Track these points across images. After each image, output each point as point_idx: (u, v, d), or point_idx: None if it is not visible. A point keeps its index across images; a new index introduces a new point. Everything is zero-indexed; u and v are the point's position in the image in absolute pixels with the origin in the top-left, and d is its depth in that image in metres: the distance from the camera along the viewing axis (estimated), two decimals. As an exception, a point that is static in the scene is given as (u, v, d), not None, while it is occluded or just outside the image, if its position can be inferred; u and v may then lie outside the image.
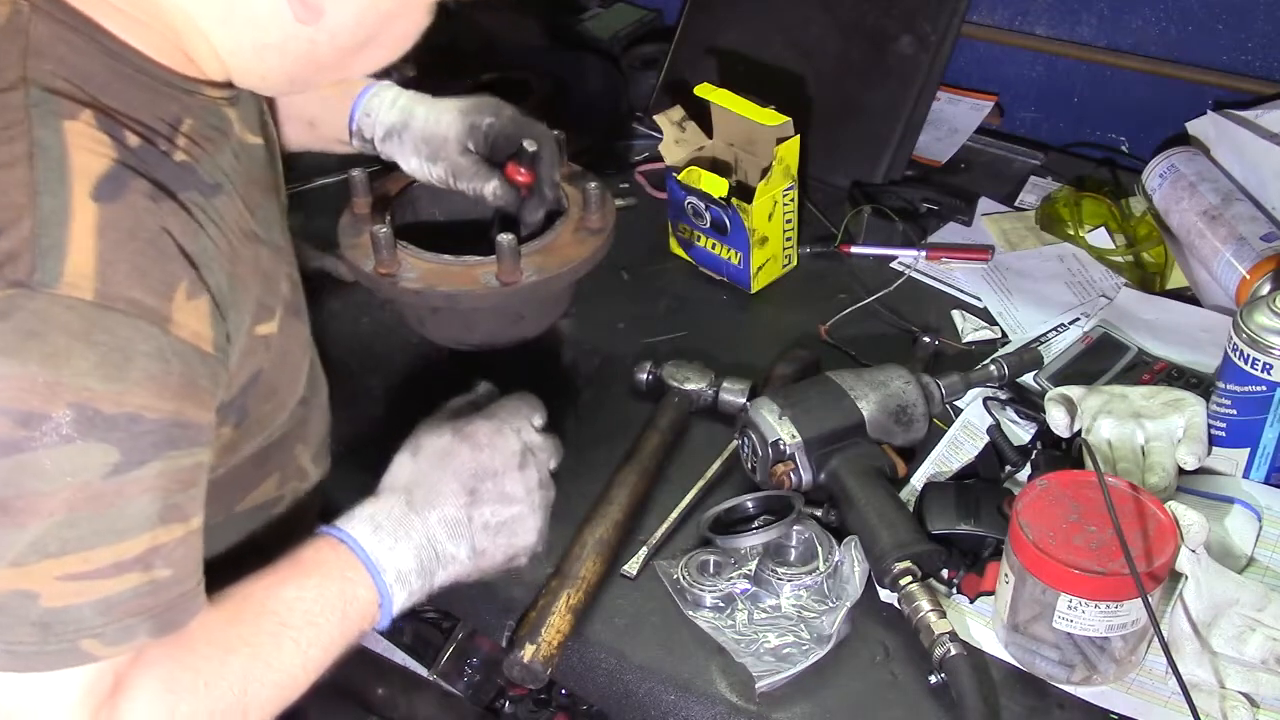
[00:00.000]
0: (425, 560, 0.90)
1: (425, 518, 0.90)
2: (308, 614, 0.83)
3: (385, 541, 0.88)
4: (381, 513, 0.90)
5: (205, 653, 0.78)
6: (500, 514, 0.93)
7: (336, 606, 0.85)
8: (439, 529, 0.91)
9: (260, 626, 0.82)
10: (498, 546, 0.94)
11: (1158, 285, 1.46)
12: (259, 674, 0.80)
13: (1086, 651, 0.96)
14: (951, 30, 1.62)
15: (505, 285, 1.13)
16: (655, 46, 1.91)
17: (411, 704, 1.77)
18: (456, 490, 0.92)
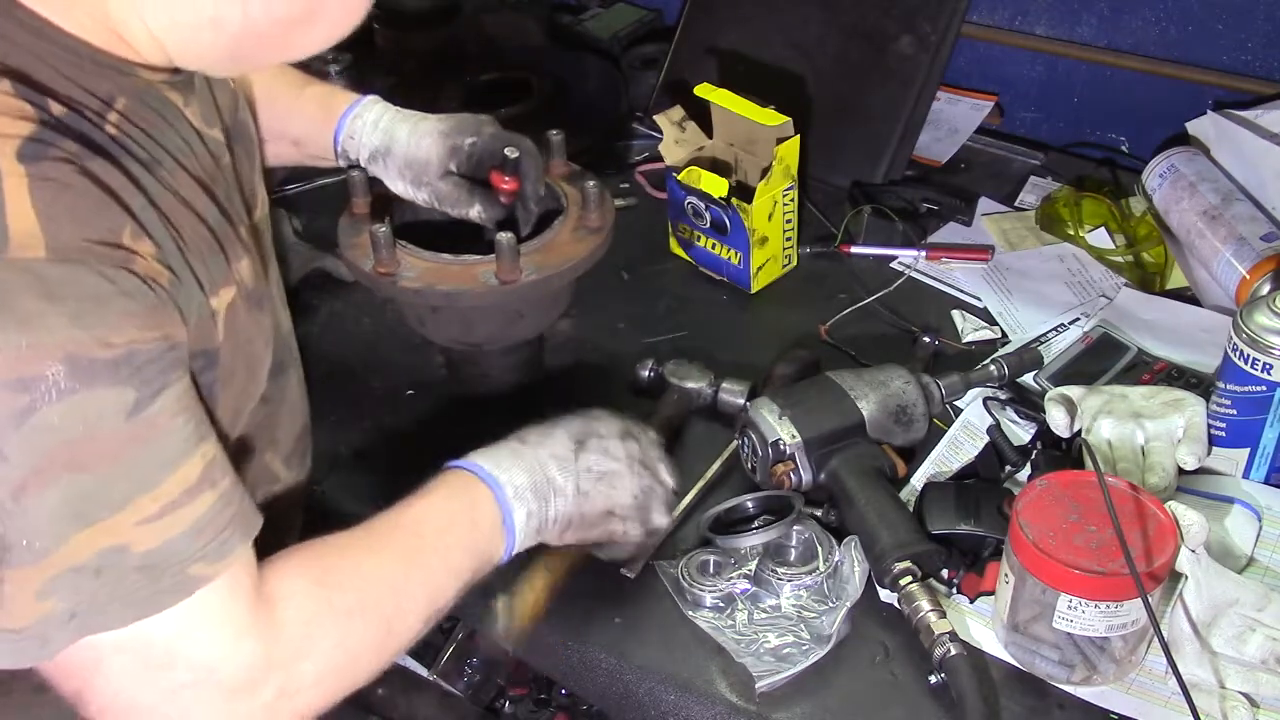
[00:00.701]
0: (538, 483, 0.95)
1: (535, 450, 0.96)
2: (439, 526, 0.89)
3: (500, 464, 0.94)
4: (496, 448, 0.96)
5: (351, 559, 0.84)
6: (602, 464, 0.98)
7: (466, 515, 0.91)
8: (549, 461, 0.96)
9: (395, 538, 0.88)
10: (599, 493, 0.98)
11: (1158, 285, 1.46)
12: (404, 575, 0.86)
13: (1086, 651, 0.96)
14: (951, 30, 1.62)
15: (504, 284, 1.13)
16: (655, 46, 1.91)
17: (411, 704, 1.77)
18: (564, 438, 0.98)
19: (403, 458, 1.26)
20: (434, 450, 1.25)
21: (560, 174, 1.27)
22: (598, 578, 1.10)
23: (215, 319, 0.81)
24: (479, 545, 0.91)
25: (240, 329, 0.85)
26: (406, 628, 0.86)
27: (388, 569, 0.86)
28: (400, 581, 0.86)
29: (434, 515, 0.90)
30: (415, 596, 0.86)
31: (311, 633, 0.80)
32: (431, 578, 0.88)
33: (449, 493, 0.92)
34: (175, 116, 0.83)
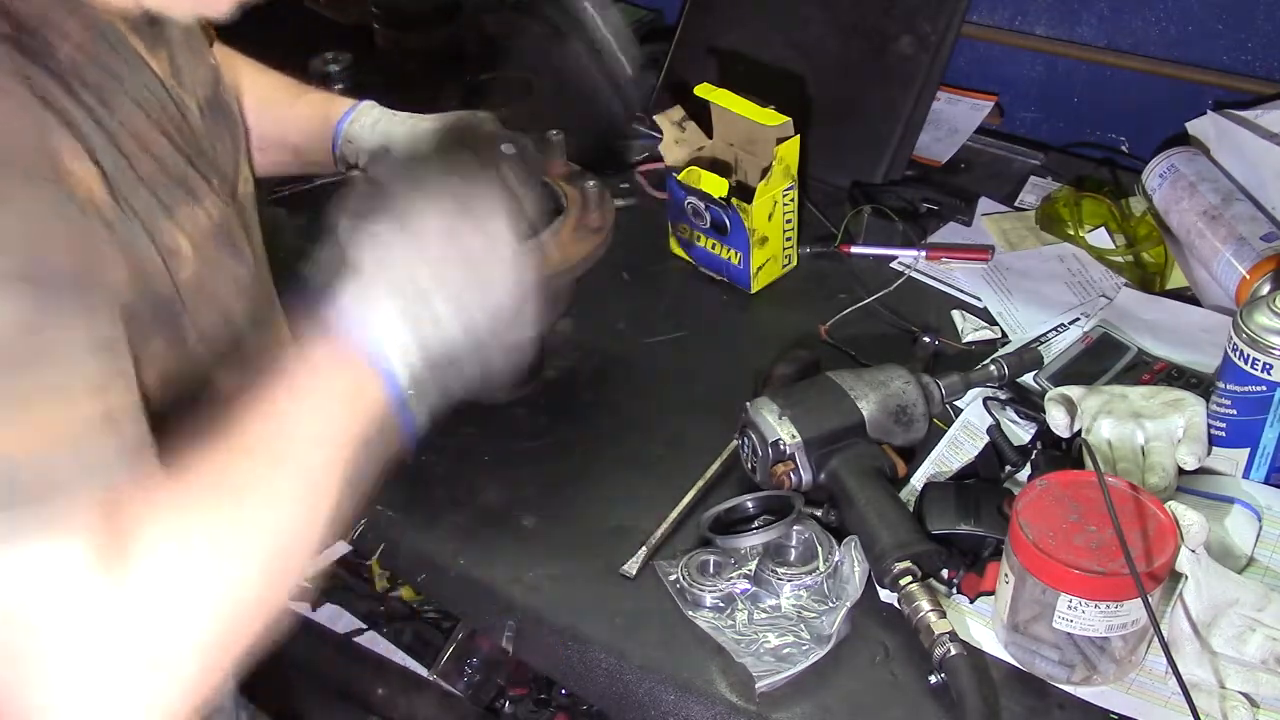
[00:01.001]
0: (431, 355, 0.81)
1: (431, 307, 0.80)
2: (318, 417, 0.76)
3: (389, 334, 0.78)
4: (376, 296, 0.79)
5: (212, 473, 0.71)
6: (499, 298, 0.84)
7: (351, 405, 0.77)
8: (441, 305, 0.81)
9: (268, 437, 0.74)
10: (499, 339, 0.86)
11: (1158, 285, 1.46)
12: (277, 480, 0.73)
13: (1086, 651, 0.96)
14: (951, 30, 1.62)
15: None
16: (655, 46, 1.91)
17: (411, 704, 1.77)
18: (464, 273, 0.82)
19: (403, 458, 1.26)
20: (434, 450, 1.26)
21: (560, 174, 1.26)
22: (598, 578, 1.11)
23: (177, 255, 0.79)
24: (369, 434, 0.78)
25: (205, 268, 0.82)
26: (294, 542, 0.74)
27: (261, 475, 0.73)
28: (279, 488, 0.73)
29: (313, 408, 0.76)
30: (299, 503, 0.74)
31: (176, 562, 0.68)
32: (315, 480, 0.75)
33: (330, 377, 0.77)
34: (135, 60, 0.81)
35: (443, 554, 1.16)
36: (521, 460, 1.25)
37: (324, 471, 0.75)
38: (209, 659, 0.69)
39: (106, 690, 0.65)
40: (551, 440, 1.27)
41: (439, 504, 1.20)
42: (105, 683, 0.65)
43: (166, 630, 0.67)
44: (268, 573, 0.72)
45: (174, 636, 0.67)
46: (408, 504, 1.20)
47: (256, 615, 0.71)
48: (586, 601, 1.09)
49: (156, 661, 0.66)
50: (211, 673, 0.70)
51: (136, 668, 0.66)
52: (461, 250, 0.82)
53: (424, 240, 0.81)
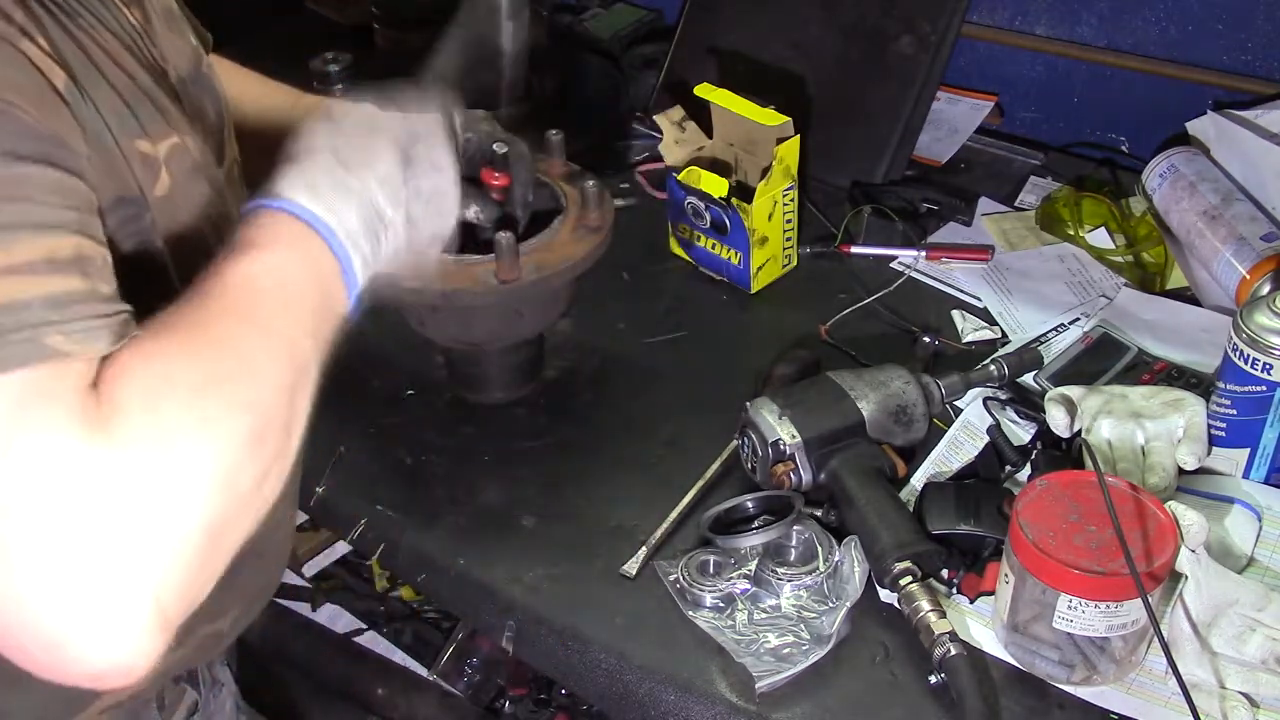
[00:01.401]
0: (369, 221, 0.81)
1: (362, 177, 0.81)
2: (279, 280, 0.74)
3: (328, 201, 0.78)
4: (313, 174, 0.79)
5: (182, 331, 0.68)
6: (431, 181, 0.86)
7: (307, 271, 0.76)
8: (377, 189, 0.82)
9: (233, 296, 0.71)
10: (427, 218, 0.87)
11: (1158, 285, 1.46)
12: (253, 334, 0.71)
13: (1086, 651, 0.96)
14: (951, 30, 1.62)
15: (504, 283, 1.13)
16: (655, 46, 1.91)
17: (411, 704, 1.78)
18: (390, 149, 0.84)
19: (403, 458, 1.26)
20: (434, 450, 1.26)
21: (559, 174, 1.26)
22: (598, 578, 1.11)
23: (154, 164, 0.77)
24: (325, 301, 0.77)
25: (176, 189, 0.80)
26: (279, 401, 0.70)
27: (229, 333, 0.70)
28: (247, 345, 0.70)
29: (271, 273, 0.74)
30: (271, 363, 0.71)
31: (159, 419, 0.64)
32: (283, 340, 0.73)
33: (280, 245, 0.75)
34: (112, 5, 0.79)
35: (443, 554, 1.16)
36: (521, 460, 1.25)
37: (291, 327, 0.73)
38: (204, 534, 0.64)
39: (97, 572, 0.61)
40: (551, 440, 1.27)
41: (439, 504, 1.20)
42: (95, 561, 0.61)
43: (157, 495, 0.62)
44: (254, 432, 0.67)
45: (165, 503, 0.62)
46: (408, 504, 1.20)
47: (247, 484, 0.67)
48: (586, 601, 1.09)
49: (149, 534, 0.62)
50: (209, 553, 0.65)
51: (127, 543, 0.61)
52: (387, 129, 0.84)
53: (350, 127, 0.84)
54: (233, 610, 0.96)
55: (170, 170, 0.78)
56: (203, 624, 0.93)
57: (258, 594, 1.01)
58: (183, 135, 0.81)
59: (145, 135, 0.76)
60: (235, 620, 0.98)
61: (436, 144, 0.88)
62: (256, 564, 0.95)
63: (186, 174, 0.80)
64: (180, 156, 0.80)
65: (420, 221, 0.86)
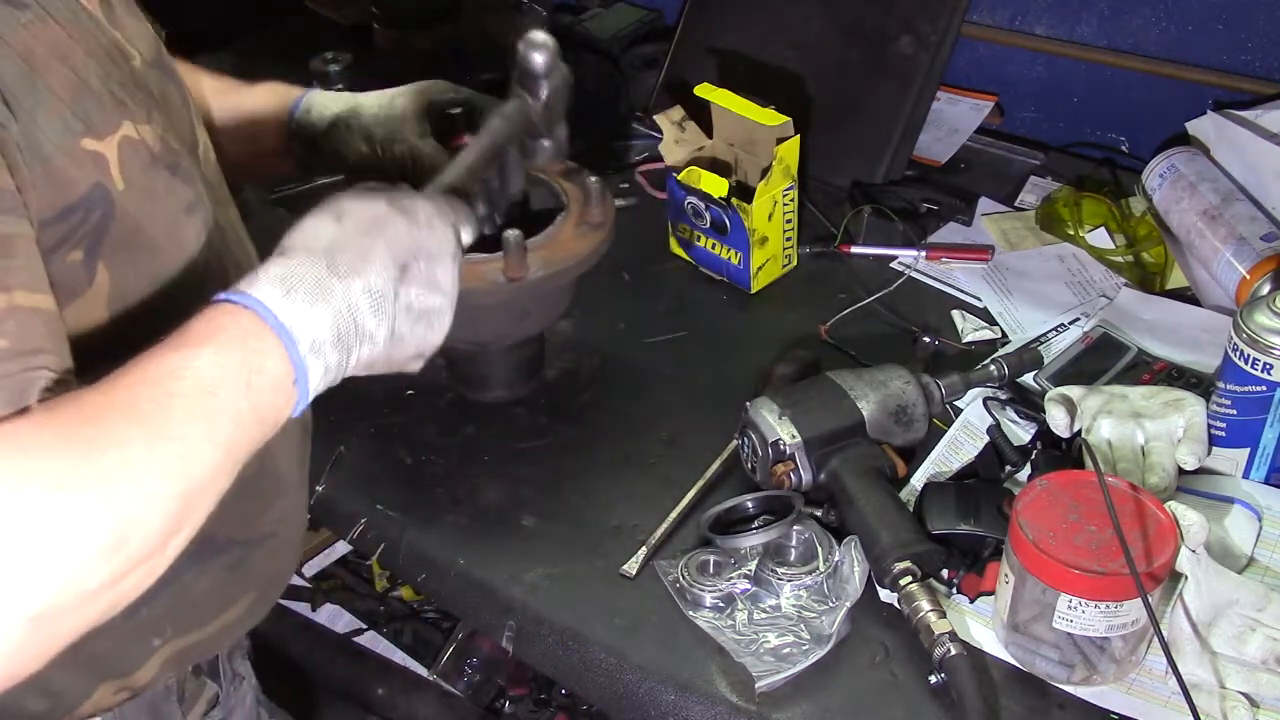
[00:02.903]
0: (344, 332, 0.76)
1: (348, 284, 0.77)
2: (200, 382, 0.68)
3: (299, 305, 0.74)
4: (296, 274, 0.75)
5: (69, 417, 0.64)
6: (425, 300, 0.83)
7: (239, 377, 0.70)
8: (362, 299, 0.77)
9: (140, 392, 0.67)
10: (415, 336, 0.83)
11: (1158, 285, 1.46)
12: (144, 437, 0.65)
13: (1086, 651, 0.96)
14: (951, 30, 1.62)
15: (512, 281, 1.13)
16: (655, 46, 1.91)
17: (411, 704, 1.78)
18: (387, 262, 0.79)
19: (403, 458, 1.26)
20: (434, 450, 1.26)
21: (558, 171, 1.27)
22: (598, 578, 1.11)
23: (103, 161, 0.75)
24: (259, 411, 0.72)
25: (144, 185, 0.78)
26: (147, 509, 0.65)
27: (120, 429, 0.65)
28: (137, 447, 0.65)
29: (195, 371, 0.69)
30: (165, 467, 0.66)
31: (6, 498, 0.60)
32: (185, 445, 0.67)
33: (218, 347, 0.71)
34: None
35: (443, 554, 1.16)
36: (521, 460, 1.25)
37: (195, 436, 0.68)
38: (29, 621, 0.60)
39: None
40: (551, 440, 1.27)
41: (439, 504, 1.20)
42: None
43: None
44: (111, 537, 0.63)
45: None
46: (408, 504, 1.20)
47: (94, 584, 0.63)
48: (586, 601, 1.09)
49: None
50: (32, 640, 0.61)
51: None
52: (389, 240, 0.80)
53: (352, 228, 0.79)
54: (247, 596, 0.96)
55: (123, 165, 0.76)
56: (217, 612, 0.93)
57: (272, 580, 1.01)
58: (137, 125, 0.79)
59: (91, 132, 0.74)
60: (252, 606, 0.98)
61: (439, 263, 0.84)
62: (268, 548, 0.95)
63: (144, 166, 0.78)
64: (133, 149, 0.78)
65: (406, 338, 0.83)
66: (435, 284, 0.83)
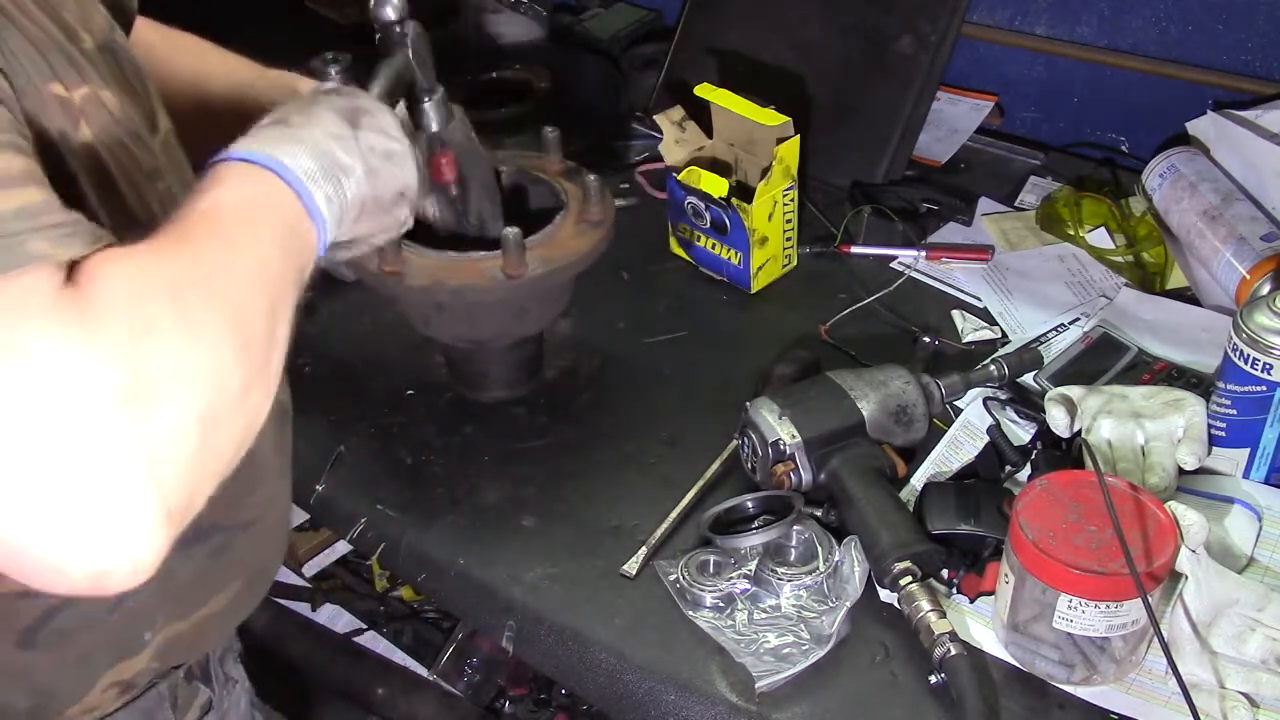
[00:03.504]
0: (325, 165, 0.81)
1: (310, 131, 0.82)
2: (237, 209, 0.73)
3: (275, 146, 0.79)
4: (260, 135, 0.80)
5: (159, 243, 0.68)
6: (383, 144, 0.88)
7: (266, 200, 0.76)
8: (326, 140, 0.83)
9: (202, 222, 0.71)
10: (388, 173, 0.88)
11: (1158, 285, 1.46)
12: (223, 250, 0.70)
13: (1086, 651, 0.96)
14: (951, 30, 1.62)
15: (511, 278, 1.13)
16: (655, 46, 1.91)
17: (411, 704, 1.78)
18: (335, 116, 0.85)
19: (403, 458, 1.26)
20: (434, 450, 1.26)
21: (557, 170, 1.27)
22: (598, 578, 1.11)
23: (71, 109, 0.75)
24: (292, 228, 0.77)
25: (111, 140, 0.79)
26: (256, 308, 0.70)
27: (202, 251, 0.69)
28: (220, 262, 0.69)
29: (232, 204, 0.74)
30: (249, 271, 0.71)
31: (141, 304, 0.63)
32: (258, 255, 0.72)
33: (236, 183, 0.75)
34: None
35: (443, 554, 1.16)
36: (521, 460, 1.25)
37: (263, 244, 0.74)
38: (197, 423, 0.63)
39: (92, 465, 0.59)
40: (551, 440, 1.27)
41: (439, 504, 1.20)
42: (89, 455, 0.59)
43: (145, 386, 0.61)
44: (236, 332, 0.67)
45: (154, 393, 0.61)
46: (408, 504, 1.20)
47: (234, 385, 0.66)
48: (586, 601, 1.09)
49: (141, 424, 0.60)
50: (203, 445, 0.64)
51: (120, 434, 0.60)
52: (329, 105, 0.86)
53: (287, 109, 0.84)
54: (233, 584, 0.95)
55: (88, 118, 0.77)
56: (203, 599, 0.93)
57: (258, 570, 1.00)
58: (97, 90, 0.79)
59: (58, 80, 0.75)
60: (239, 595, 0.97)
61: (381, 115, 0.89)
62: (251, 534, 0.95)
63: (106, 126, 0.79)
64: (96, 108, 0.78)
65: (381, 172, 0.87)
66: (386, 132, 0.88)
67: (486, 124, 1.24)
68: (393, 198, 0.90)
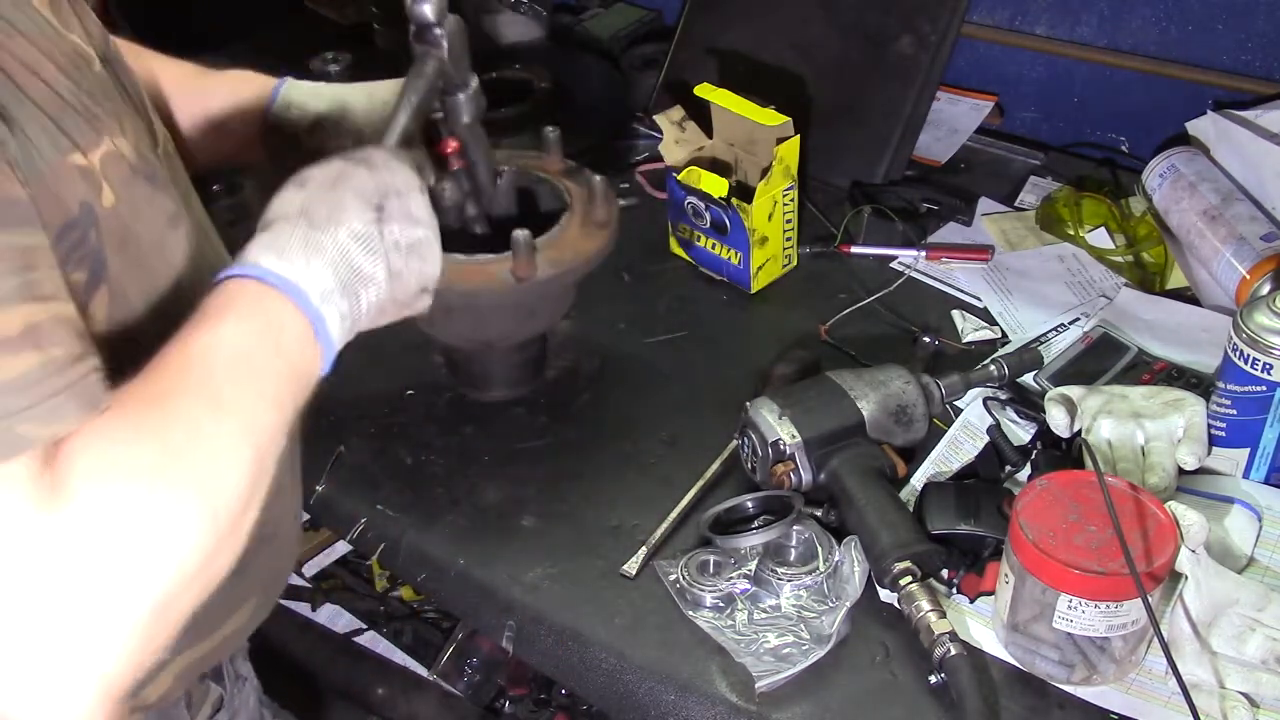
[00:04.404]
0: (344, 278, 0.80)
1: (333, 234, 0.80)
2: (235, 350, 0.72)
3: (296, 264, 0.77)
4: (281, 239, 0.78)
5: (136, 408, 0.67)
6: (409, 234, 0.85)
7: (266, 338, 0.74)
8: (351, 244, 0.80)
9: (186, 373, 0.70)
10: (411, 270, 0.86)
11: (1158, 285, 1.47)
12: (206, 411, 0.69)
13: (1086, 651, 0.96)
14: (951, 30, 1.62)
15: (521, 280, 1.13)
16: (655, 46, 1.91)
17: (411, 704, 1.78)
18: (361, 207, 0.82)
19: (403, 458, 1.26)
20: (434, 450, 1.26)
21: (558, 170, 1.27)
22: (598, 578, 1.11)
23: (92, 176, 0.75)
24: (292, 367, 0.76)
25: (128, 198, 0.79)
26: (227, 480, 0.69)
27: (184, 409, 0.68)
28: (204, 421, 0.69)
29: (226, 345, 0.72)
30: (228, 436, 0.70)
31: (109, 494, 0.63)
32: (244, 415, 0.71)
33: (238, 317, 0.74)
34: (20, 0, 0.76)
35: (443, 554, 1.16)
36: (521, 460, 1.25)
37: (251, 401, 0.72)
38: (151, 613, 0.64)
39: (43, 651, 0.60)
40: (551, 440, 1.27)
41: (439, 504, 1.20)
42: (41, 641, 0.60)
43: (104, 575, 0.62)
44: (202, 513, 0.67)
45: (112, 583, 0.62)
46: (408, 504, 1.20)
47: (195, 563, 0.66)
48: (586, 601, 1.09)
49: (97, 615, 0.62)
50: (155, 630, 0.65)
51: (74, 624, 0.61)
52: (356, 188, 0.83)
53: (317, 187, 0.82)
54: (250, 601, 0.96)
55: (110, 181, 0.77)
56: (223, 620, 0.93)
57: (272, 581, 1.01)
58: (114, 138, 0.79)
59: (77, 148, 0.74)
60: (255, 610, 0.98)
61: (410, 197, 0.85)
62: (268, 550, 0.95)
63: (126, 180, 0.79)
64: (116, 164, 0.78)
65: (404, 273, 0.85)
66: (413, 217, 0.85)
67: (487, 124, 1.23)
68: (414, 294, 0.87)
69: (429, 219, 0.87)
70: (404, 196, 0.85)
